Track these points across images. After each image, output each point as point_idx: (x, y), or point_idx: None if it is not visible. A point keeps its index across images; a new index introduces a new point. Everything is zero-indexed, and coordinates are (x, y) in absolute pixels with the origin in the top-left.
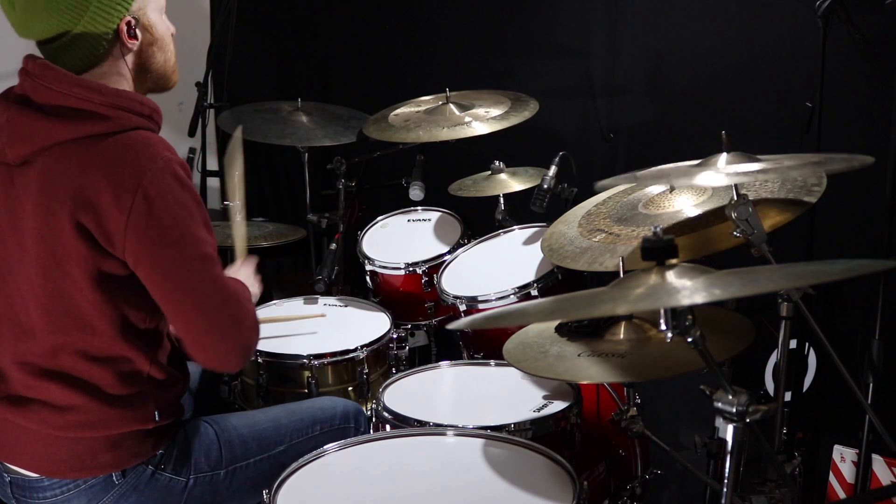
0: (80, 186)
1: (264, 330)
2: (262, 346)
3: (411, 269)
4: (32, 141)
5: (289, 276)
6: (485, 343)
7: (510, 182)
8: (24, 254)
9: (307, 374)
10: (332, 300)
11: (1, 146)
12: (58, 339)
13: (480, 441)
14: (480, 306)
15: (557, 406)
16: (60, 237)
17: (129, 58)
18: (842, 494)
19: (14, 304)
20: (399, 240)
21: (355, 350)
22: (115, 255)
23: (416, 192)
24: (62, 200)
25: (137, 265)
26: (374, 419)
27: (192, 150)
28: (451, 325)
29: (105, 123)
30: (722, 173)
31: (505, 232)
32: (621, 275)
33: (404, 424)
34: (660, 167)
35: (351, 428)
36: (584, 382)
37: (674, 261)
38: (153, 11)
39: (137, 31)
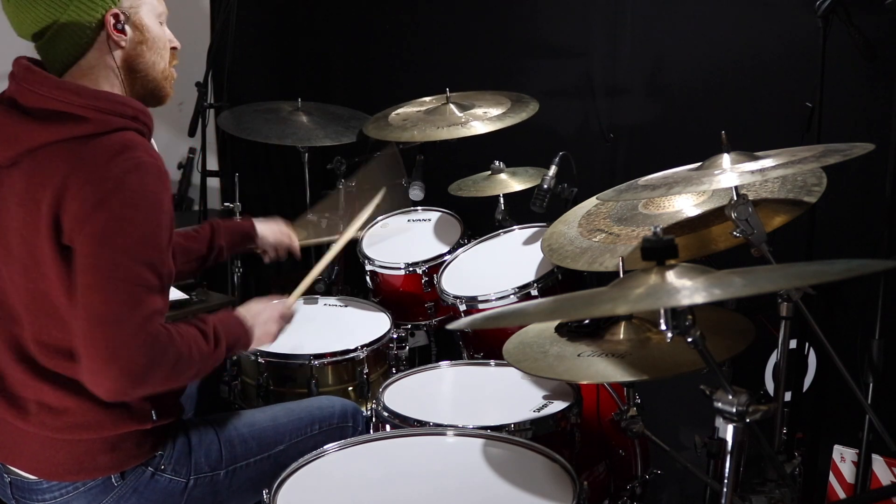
0: (59, 187)
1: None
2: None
3: (411, 269)
4: (18, 143)
5: (289, 276)
6: (485, 343)
7: (510, 182)
8: (8, 254)
9: (307, 374)
10: (332, 300)
11: None
12: (42, 338)
13: (480, 441)
14: (480, 306)
15: (557, 406)
16: (38, 239)
17: (118, 54)
18: (842, 494)
19: (8, 298)
20: (399, 240)
21: (355, 350)
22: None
23: (416, 192)
24: (40, 202)
25: (74, 256)
26: (374, 419)
27: (192, 150)
28: (451, 325)
29: (85, 125)
30: (734, 173)
31: (505, 232)
32: (621, 275)
33: (404, 424)
34: (664, 173)
35: (349, 427)
36: (584, 382)
37: (674, 261)
38: (148, 14)
39: (126, 26)
